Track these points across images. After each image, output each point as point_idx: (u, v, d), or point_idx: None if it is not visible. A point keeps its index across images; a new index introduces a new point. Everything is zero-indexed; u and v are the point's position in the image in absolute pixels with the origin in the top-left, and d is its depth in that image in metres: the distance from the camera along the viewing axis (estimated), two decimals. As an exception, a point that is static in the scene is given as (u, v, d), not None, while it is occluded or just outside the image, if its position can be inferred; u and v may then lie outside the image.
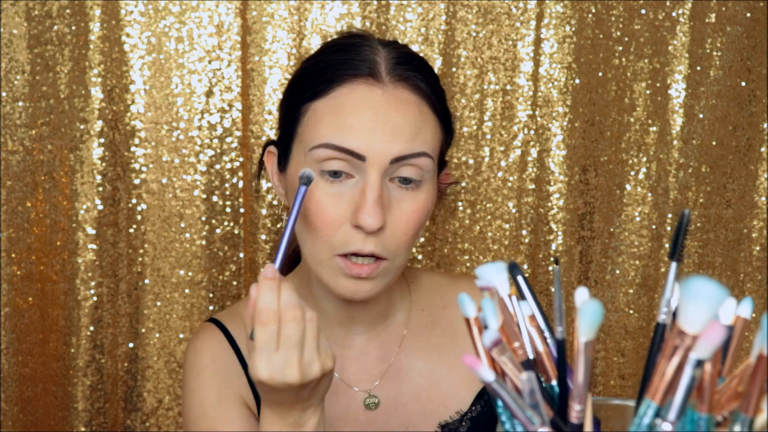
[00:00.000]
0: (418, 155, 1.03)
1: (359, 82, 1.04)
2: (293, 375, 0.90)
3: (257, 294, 0.91)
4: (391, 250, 1.04)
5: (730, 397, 0.70)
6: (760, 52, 1.73)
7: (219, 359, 1.13)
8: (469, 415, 1.17)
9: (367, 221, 1.00)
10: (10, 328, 1.70)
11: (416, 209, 1.05)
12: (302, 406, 0.95)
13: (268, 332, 0.90)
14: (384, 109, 1.02)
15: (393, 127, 1.02)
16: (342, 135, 1.02)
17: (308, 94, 1.06)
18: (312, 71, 1.08)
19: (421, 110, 1.05)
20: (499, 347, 0.69)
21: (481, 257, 1.77)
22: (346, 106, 1.03)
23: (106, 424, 1.73)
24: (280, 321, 0.90)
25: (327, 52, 1.09)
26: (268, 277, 0.92)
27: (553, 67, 1.72)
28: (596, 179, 1.77)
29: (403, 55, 1.07)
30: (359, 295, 1.05)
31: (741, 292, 1.80)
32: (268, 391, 0.93)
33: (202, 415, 1.10)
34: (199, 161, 1.69)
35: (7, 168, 1.65)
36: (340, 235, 1.03)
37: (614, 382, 1.84)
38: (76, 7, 1.63)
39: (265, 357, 0.90)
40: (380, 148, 1.01)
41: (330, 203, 1.02)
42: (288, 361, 0.90)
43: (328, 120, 1.03)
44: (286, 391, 0.92)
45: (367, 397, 1.16)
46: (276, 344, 0.90)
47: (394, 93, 1.04)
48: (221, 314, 1.19)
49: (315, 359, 0.92)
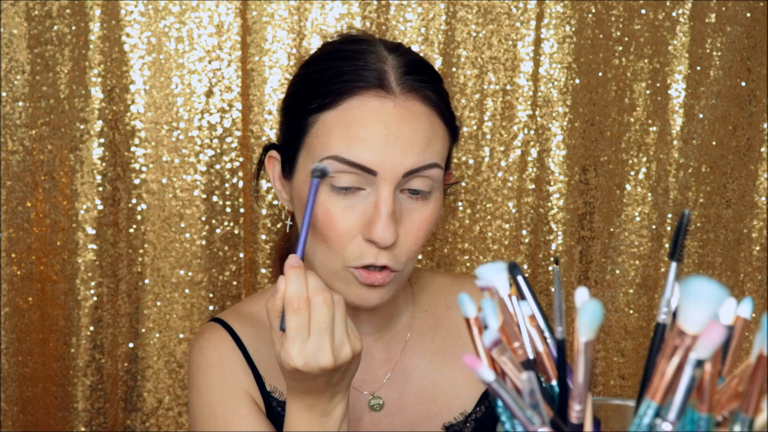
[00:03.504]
0: (429, 167, 1.03)
1: (369, 95, 1.02)
2: (327, 358, 0.91)
3: (285, 283, 0.92)
4: (402, 261, 1.04)
5: (730, 397, 0.70)
6: (760, 52, 1.73)
7: (225, 357, 1.13)
8: (474, 416, 1.17)
9: (381, 237, 1.00)
10: (10, 328, 1.70)
11: (426, 219, 1.05)
12: (331, 392, 0.96)
13: (300, 319, 0.91)
14: (396, 122, 1.01)
15: (405, 140, 1.01)
16: (353, 149, 1.01)
17: (316, 105, 1.04)
18: (318, 80, 1.06)
19: (431, 121, 1.04)
20: (499, 347, 0.69)
21: (481, 257, 1.77)
22: (356, 119, 1.02)
23: (106, 424, 1.73)
24: (310, 307, 0.91)
25: (332, 59, 1.07)
26: (294, 266, 0.93)
27: (553, 67, 1.72)
28: (596, 179, 1.77)
29: (410, 63, 1.06)
30: (370, 302, 1.06)
31: (741, 292, 1.80)
32: (300, 378, 0.94)
33: (210, 414, 1.10)
34: (199, 161, 1.69)
35: (7, 168, 1.65)
36: (352, 248, 1.02)
37: (614, 382, 1.84)
38: (76, 7, 1.63)
39: (298, 344, 0.91)
40: (392, 163, 1.00)
41: (342, 216, 1.02)
42: (321, 345, 0.91)
43: (338, 133, 1.02)
44: (319, 377, 0.93)
45: (371, 399, 1.16)
46: (307, 330, 0.91)
47: (404, 105, 1.03)
48: (224, 314, 1.19)
49: (345, 341, 0.93)
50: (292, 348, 0.91)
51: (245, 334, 1.15)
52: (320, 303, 0.92)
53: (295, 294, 0.91)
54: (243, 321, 1.16)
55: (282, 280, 0.93)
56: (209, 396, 1.11)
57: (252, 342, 1.14)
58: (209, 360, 1.13)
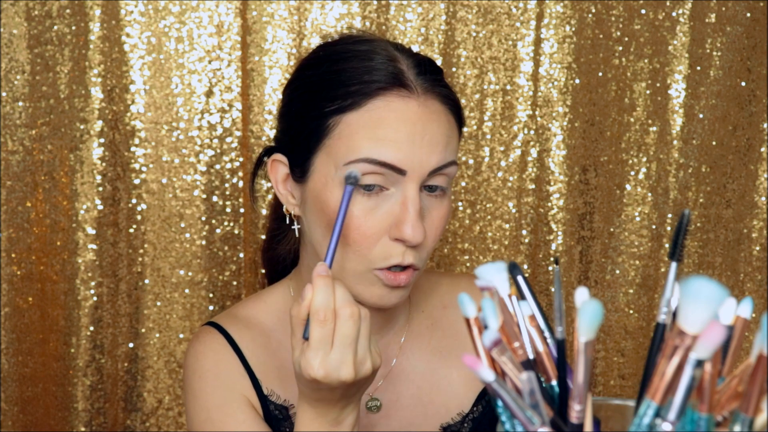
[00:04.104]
0: (449, 164, 1.04)
1: (392, 95, 1.02)
2: (348, 372, 0.91)
3: (313, 292, 0.92)
4: (423, 258, 1.05)
5: (730, 397, 0.70)
6: (760, 52, 1.73)
7: (221, 362, 1.13)
8: (471, 416, 1.17)
9: (412, 235, 1.00)
10: (10, 328, 1.70)
11: (443, 215, 1.06)
12: (345, 402, 0.96)
13: (325, 331, 0.91)
14: (421, 121, 1.02)
15: (431, 138, 1.02)
16: (381, 149, 1.00)
17: (335, 106, 1.03)
18: (334, 81, 1.05)
19: (448, 119, 1.06)
20: (499, 347, 0.69)
21: (481, 257, 1.77)
22: (383, 120, 1.01)
23: (106, 424, 1.73)
24: (336, 319, 0.91)
25: (343, 60, 1.06)
26: (323, 275, 0.93)
27: (553, 67, 1.72)
28: (596, 179, 1.77)
29: (422, 63, 1.06)
30: (391, 302, 1.06)
31: (741, 292, 1.80)
32: (316, 389, 0.94)
33: (207, 419, 1.09)
34: (199, 161, 1.69)
35: (7, 168, 1.66)
36: (378, 249, 1.02)
37: (614, 382, 1.84)
38: (76, 7, 1.63)
39: (320, 355, 0.91)
40: (420, 161, 1.01)
41: (367, 217, 1.02)
42: (343, 359, 0.91)
43: (365, 133, 1.01)
44: (336, 389, 0.93)
45: (369, 400, 1.16)
46: (331, 342, 0.91)
47: (426, 104, 1.03)
48: (219, 317, 1.18)
49: (368, 357, 0.93)
50: (314, 358, 0.91)
51: (241, 338, 1.14)
52: (347, 317, 0.91)
53: (322, 304, 0.91)
54: (239, 324, 1.16)
55: (309, 288, 0.92)
56: (205, 401, 1.10)
57: (248, 345, 1.14)
58: (205, 364, 1.12)
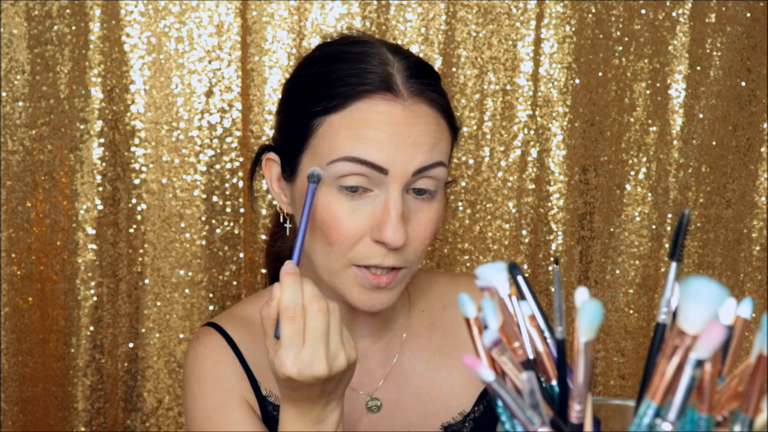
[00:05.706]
0: (436, 165, 1.03)
1: (377, 98, 1.02)
2: (321, 368, 0.91)
3: (281, 290, 0.92)
4: (409, 260, 1.05)
5: (730, 397, 0.70)
6: (760, 52, 1.73)
7: (220, 363, 1.13)
8: (472, 416, 1.17)
9: (392, 238, 1.00)
10: (10, 328, 1.70)
11: (432, 218, 1.05)
12: (326, 400, 0.96)
13: (295, 327, 0.91)
14: (404, 124, 1.02)
15: (415, 140, 1.02)
16: (363, 148, 1.00)
17: (321, 107, 1.04)
18: (322, 82, 1.05)
19: (437, 122, 1.05)
20: (499, 347, 0.69)
21: (481, 257, 1.77)
22: (365, 121, 1.01)
23: (106, 424, 1.73)
24: (305, 315, 0.91)
25: (334, 61, 1.06)
26: (290, 273, 0.93)
27: (553, 67, 1.72)
28: (596, 179, 1.77)
29: (414, 66, 1.06)
30: (377, 307, 1.05)
31: (741, 292, 1.80)
32: (294, 387, 0.93)
33: (206, 419, 1.09)
34: (199, 161, 1.69)
35: (7, 168, 1.66)
36: (359, 249, 1.02)
37: (614, 382, 1.84)
38: (76, 7, 1.63)
39: (293, 352, 0.91)
40: (402, 161, 1.01)
41: (349, 218, 1.02)
42: (315, 354, 0.91)
43: (347, 133, 1.02)
44: (313, 386, 0.93)
45: (369, 400, 1.15)
46: (302, 339, 0.91)
47: (412, 108, 1.03)
48: (218, 318, 1.18)
49: (340, 350, 0.93)
50: (286, 356, 0.91)
51: (240, 339, 1.14)
52: (315, 311, 0.91)
53: (290, 302, 0.91)
54: (238, 325, 1.16)
55: (277, 287, 0.92)
56: (204, 402, 1.10)
57: (247, 346, 1.14)
58: (204, 365, 1.12)
